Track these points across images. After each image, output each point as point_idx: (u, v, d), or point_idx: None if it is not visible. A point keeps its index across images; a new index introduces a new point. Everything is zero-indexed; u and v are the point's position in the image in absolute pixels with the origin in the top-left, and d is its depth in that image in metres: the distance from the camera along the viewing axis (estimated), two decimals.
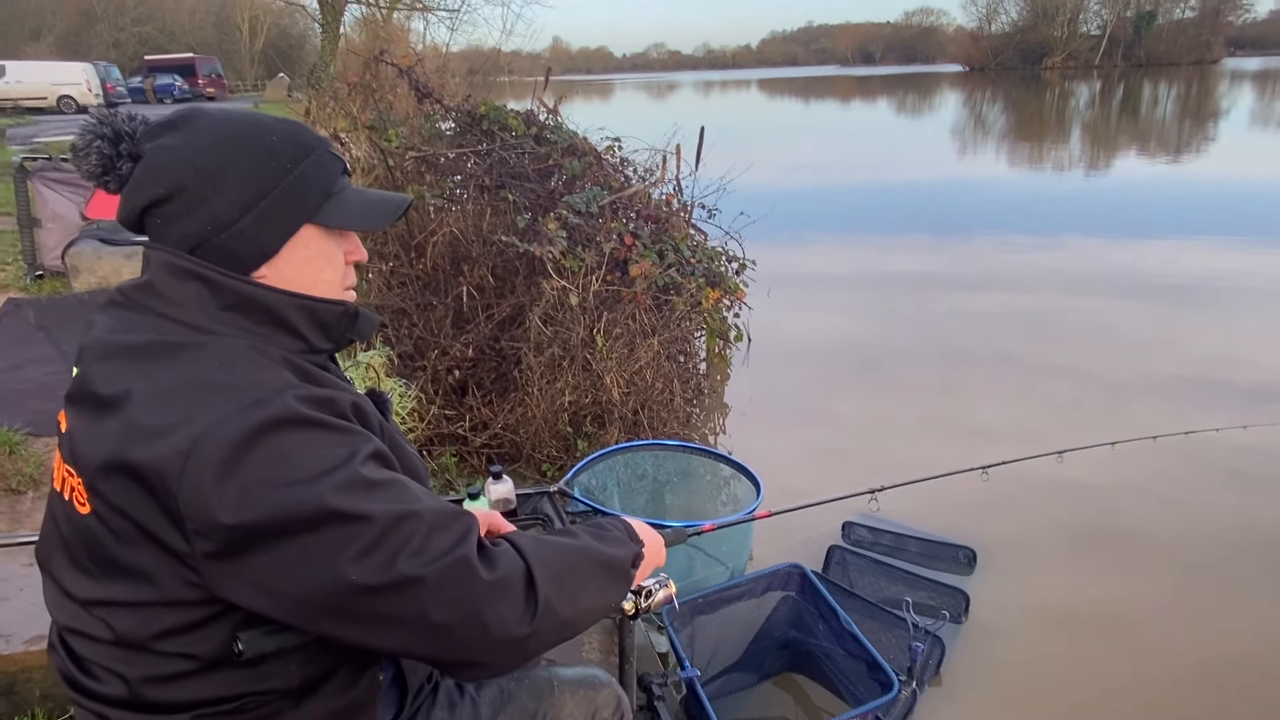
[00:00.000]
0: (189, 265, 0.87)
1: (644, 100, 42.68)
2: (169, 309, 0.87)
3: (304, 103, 10.39)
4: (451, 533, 0.82)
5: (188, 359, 0.84)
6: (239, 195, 0.88)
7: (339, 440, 0.81)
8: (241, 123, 0.91)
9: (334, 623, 0.80)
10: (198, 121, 0.90)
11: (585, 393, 3.19)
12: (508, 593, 0.82)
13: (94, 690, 0.88)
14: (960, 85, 43.60)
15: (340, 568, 0.76)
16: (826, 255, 7.84)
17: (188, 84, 31.19)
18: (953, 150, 16.58)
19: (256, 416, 0.77)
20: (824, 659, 2.22)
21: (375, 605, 0.78)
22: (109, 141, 0.88)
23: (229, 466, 0.75)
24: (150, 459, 0.77)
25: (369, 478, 0.80)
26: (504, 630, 0.81)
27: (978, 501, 3.22)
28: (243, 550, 0.76)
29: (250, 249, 0.89)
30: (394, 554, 0.77)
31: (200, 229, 0.88)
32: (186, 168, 0.87)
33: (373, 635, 0.80)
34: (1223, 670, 2.38)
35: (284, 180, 0.90)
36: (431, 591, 0.78)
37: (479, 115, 4.42)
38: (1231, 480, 3.45)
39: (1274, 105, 25.25)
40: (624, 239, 3.59)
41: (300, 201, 0.91)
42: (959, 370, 4.79)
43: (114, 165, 0.88)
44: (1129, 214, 9.33)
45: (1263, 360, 4.76)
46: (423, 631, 0.79)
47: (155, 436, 0.77)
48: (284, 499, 0.76)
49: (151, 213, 0.89)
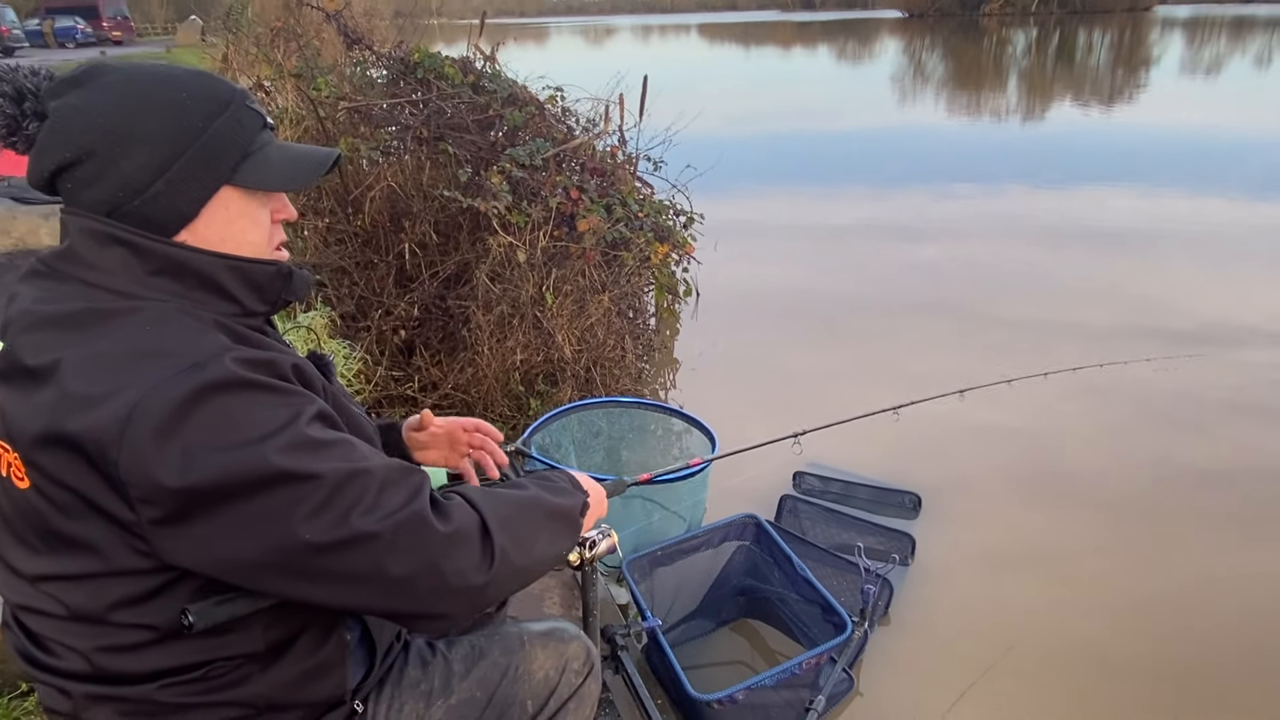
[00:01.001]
0: (111, 230, 0.83)
1: (581, 46, 41.61)
2: (94, 276, 0.83)
3: (220, 47, 9.83)
4: (403, 488, 0.83)
5: (118, 325, 0.80)
6: (149, 158, 0.83)
7: (281, 401, 0.80)
8: (151, 79, 0.86)
9: (290, 583, 0.80)
10: (104, 78, 0.84)
11: (537, 351, 3.16)
12: (464, 544, 0.85)
13: (53, 665, 0.87)
14: (900, 32, 43.67)
15: (292, 527, 0.76)
16: (770, 206, 7.86)
17: (91, 26, 29.04)
18: (893, 99, 16.68)
19: (195, 380, 0.76)
20: (779, 604, 2.29)
21: (331, 563, 0.78)
22: (11, 100, 0.83)
23: (169, 431, 0.74)
24: (87, 428, 0.74)
25: (315, 438, 0.80)
26: (462, 580, 0.84)
27: (920, 447, 3.34)
28: (190, 515, 0.75)
29: (166, 214, 0.85)
30: (346, 511, 0.78)
31: (111, 194, 0.83)
32: (93, 130, 0.82)
33: (330, 593, 0.81)
34: (1155, 606, 2.50)
35: (197, 141, 0.85)
36: (387, 546, 0.79)
37: (413, 63, 4.24)
38: (1153, 419, 3.63)
39: (1202, 53, 26.04)
40: (570, 193, 3.52)
41: (215, 163, 0.87)
42: (900, 319, 4.90)
43: (20, 125, 0.84)
44: (1062, 161, 9.57)
45: (1182, 303, 4.99)
46: (381, 586, 0.80)
47: (90, 405, 0.75)
48: (229, 461, 0.75)
49: (61, 176, 0.84)
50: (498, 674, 1.17)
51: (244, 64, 8.70)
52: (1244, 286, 5.28)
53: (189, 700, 0.87)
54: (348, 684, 1.00)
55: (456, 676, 1.15)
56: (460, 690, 1.14)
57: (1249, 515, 2.94)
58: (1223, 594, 2.55)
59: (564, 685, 1.21)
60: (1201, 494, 3.06)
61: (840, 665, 1.98)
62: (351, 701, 1.03)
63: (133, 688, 0.85)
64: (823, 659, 1.94)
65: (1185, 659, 2.31)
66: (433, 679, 1.13)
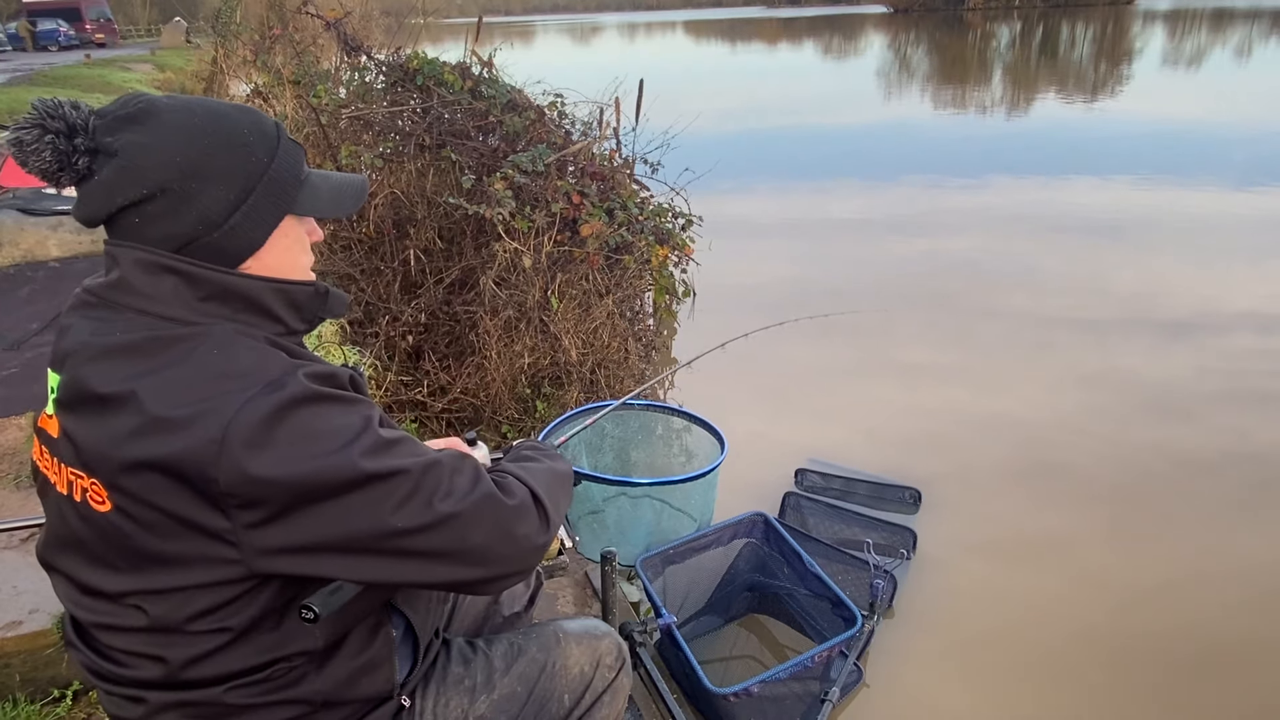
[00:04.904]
0: (165, 261, 0.87)
1: (568, 45, 41.54)
2: (149, 305, 0.87)
3: (207, 50, 9.77)
4: (466, 473, 0.93)
5: (187, 350, 0.85)
6: (225, 193, 0.89)
7: (353, 410, 0.87)
8: (208, 115, 0.90)
9: (382, 565, 0.88)
10: (163, 115, 0.88)
11: (543, 354, 3.21)
12: (528, 512, 0.98)
13: (126, 677, 0.92)
14: (885, 27, 43.80)
15: (384, 518, 0.85)
16: (763, 203, 7.93)
17: (74, 30, 28.61)
18: (880, 94, 16.78)
19: (277, 398, 0.82)
20: (787, 599, 2.36)
21: (419, 543, 0.88)
22: (63, 137, 0.84)
23: (263, 444, 0.80)
24: (182, 450, 0.79)
25: (387, 438, 0.88)
26: (529, 542, 0.97)
27: (919, 441, 3.42)
28: (289, 512, 0.82)
29: (240, 244, 0.91)
30: (430, 497, 0.88)
31: (189, 229, 0.88)
32: (168, 168, 0.86)
33: (418, 570, 0.90)
34: (1154, 594, 2.57)
35: (265, 174, 0.91)
36: (467, 522, 0.90)
37: (412, 70, 4.27)
38: (1146, 407, 3.71)
39: (1183, 46, 26.27)
40: (572, 198, 3.58)
41: (281, 194, 0.93)
42: (894, 313, 4.97)
43: (70, 161, 0.85)
44: (1050, 154, 9.67)
45: (1171, 293, 5.09)
46: (464, 557, 0.91)
47: (179, 429, 0.80)
48: (321, 468, 0.82)
49: (127, 212, 0.87)
50: (536, 670, 1.23)
51: (234, 68, 8.68)
52: (1231, 275, 5.39)
53: (253, 701, 0.92)
54: (395, 679, 1.06)
55: (498, 672, 1.21)
56: (502, 685, 1.20)
57: (1244, 501, 3.01)
58: (1222, 580, 2.62)
59: (598, 680, 1.28)
60: (1196, 481, 3.14)
61: (851, 658, 2.05)
62: (399, 696, 1.09)
63: (203, 691, 0.90)
64: (833, 652, 2.01)
65: (1185, 644, 2.37)
66: (475, 675, 1.19)
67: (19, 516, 2.13)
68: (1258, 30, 30.70)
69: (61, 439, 0.89)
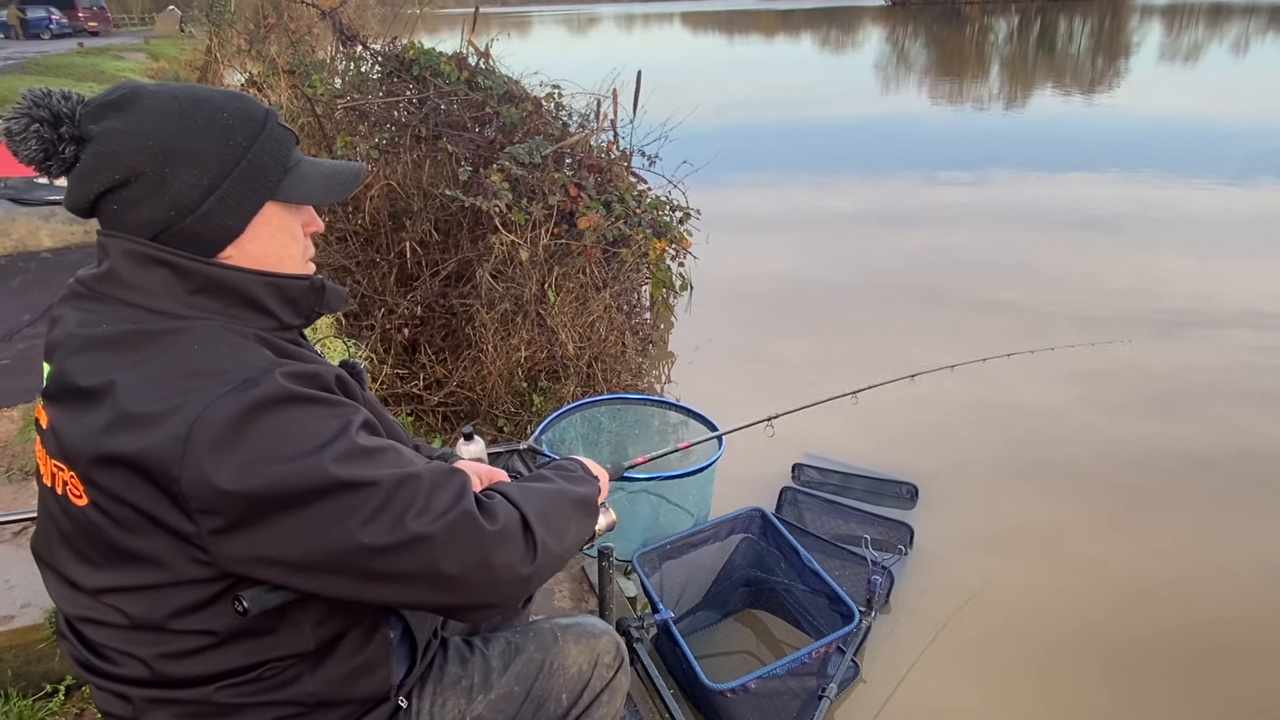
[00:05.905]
0: (153, 252, 0.86)
1: (566, 36, 41.34)
2: (137, 297, 0.86)
3: (201, 39, 9.70)
4: (449, 490, 0.87)
5: (168, 345, 0.83)
6: (199, 177, 0.86)
7: (330, 413, 0.84)
8: (190, 100, 0.89)
9: (348, 584, 0.84)
10: (144, 101, 0.86)
11: (540, 348, 3.19)
12: (510, 540, 0.90)
13: (113, 672, 0.90)
14: (883, 21, 43.66)
15: (351, 532, 0.81)
16: (761, 196, 7.91)
17: (67, 17, 28.28)
18: (878, 87, 16.74)
19: (249, 396, 0.79)
20: (784, 595, 2.35)
21: (388, 563, 0.83)
22: (48, 125, 0.84)
23: (229, 445, 0.77)
24: (147, 447, 0.77)
25: (365, 446, 0.84)
26: (511, 573, 0.90)
27: (915, 435, 3.41)
28: (251, 522, 0.79)
29: (216, 231, 0.89)
30: (401, 514, 0.82)
31: (163, 214, 0.86)
32: (141, 152, 0.84)
33: (387, 592, 0.85)
34: (1151, 589, 2.58)
35: (243, 159, 0.89)
36: (440, 546, 0.84)
37: (408, 60, 4.24)
38: (1142, 401, 3.71)
39: (1180, 40, 26.28)
40: (569, 190, 3.55)
41: (261, 179, 0.90)
42: (892, 306, 4.96)
43: (56, 150, 0.85)
44: (1048, 148, 9.66)
45: (1168, 287, 5.09)
46: (435, 582, 0.85)
47: (148, 424, 0.78)
48: (288, 472, 0.78)
49: (106, 199, 0.86)
50: (534, 669, 1.22)
51: (228, 57, 8.62)
52: (1228, 271, 5.39)
53: (244, 700, 0.91)
54: (393, 679, 1.05)
55: (495, 672, 1.19)
56: (499, 685, 1.19)
57: (1242, 496, 3.02)
58: (1219, 575, 2.63)
59: (596, 678, 1.26)
60: (1194, 476, 3.15)
61: (849, 654, 2.05)
62: (396, 697, 1.08)
63: (192, 690, 0.89)
64: (831, 648, 2.00)
65: (1182, 638, 2.38)
66: (473, 675, 1.18)
67: (10, 510, 2.11)
68: (1255, 25, 30.70)
69: (49, 431, 0.88)
